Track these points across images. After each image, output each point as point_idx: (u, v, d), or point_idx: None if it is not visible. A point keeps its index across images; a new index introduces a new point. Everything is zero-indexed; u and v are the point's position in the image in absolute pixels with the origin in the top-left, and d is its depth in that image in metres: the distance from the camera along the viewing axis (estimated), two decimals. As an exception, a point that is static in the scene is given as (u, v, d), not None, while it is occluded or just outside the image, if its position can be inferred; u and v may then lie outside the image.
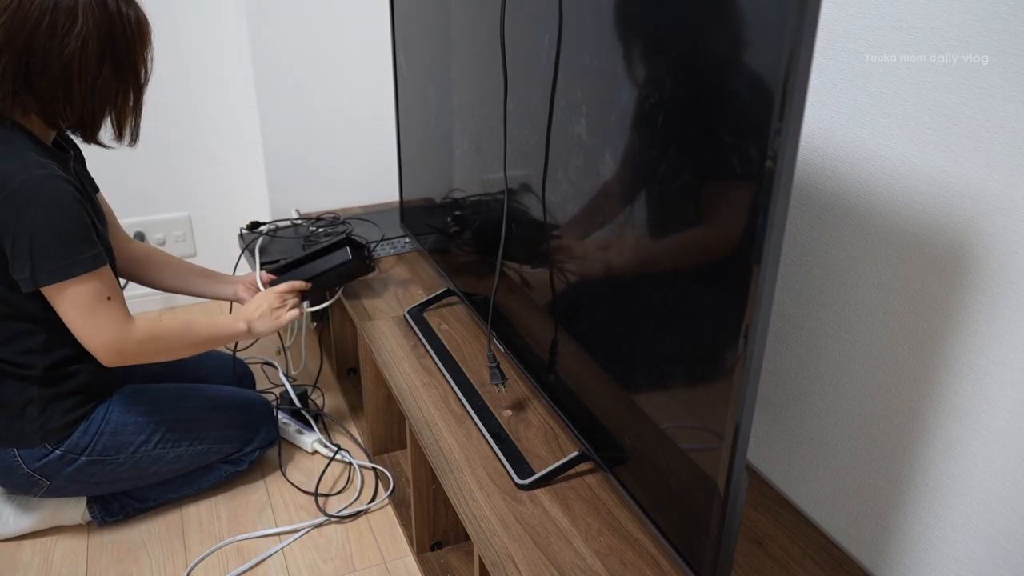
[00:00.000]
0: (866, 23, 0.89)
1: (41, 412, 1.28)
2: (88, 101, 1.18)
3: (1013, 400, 0.80)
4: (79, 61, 1.13)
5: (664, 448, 0.85)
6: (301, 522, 1.47)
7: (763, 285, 0.65)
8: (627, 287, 0.87)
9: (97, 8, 1.13)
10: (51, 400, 1.28)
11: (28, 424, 1.28)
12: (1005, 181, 0.77)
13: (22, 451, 1.29)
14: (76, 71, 1.14)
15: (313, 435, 1.65)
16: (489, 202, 1.24)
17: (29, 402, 1.27)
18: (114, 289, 1.22)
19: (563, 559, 0.95)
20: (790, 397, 1.11)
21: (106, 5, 1.13)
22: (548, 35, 0.94)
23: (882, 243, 0.92)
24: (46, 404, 1.28)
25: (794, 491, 1.13)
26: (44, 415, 1.28)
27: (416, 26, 1.43)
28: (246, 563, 1.38)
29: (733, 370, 0.71)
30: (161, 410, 1.41)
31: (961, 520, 0.87)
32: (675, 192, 0.75)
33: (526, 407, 1.23)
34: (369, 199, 2.13)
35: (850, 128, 0.94)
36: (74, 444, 1.31)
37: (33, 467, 1.30)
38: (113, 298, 1.22)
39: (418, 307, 1.52)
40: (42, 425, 1.28)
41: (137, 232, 2.15)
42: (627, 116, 0.81)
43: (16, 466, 1.29)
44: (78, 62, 1.13)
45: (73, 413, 1.31)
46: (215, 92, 2.10)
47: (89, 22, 1.12)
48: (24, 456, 1.29)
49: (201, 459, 1.46)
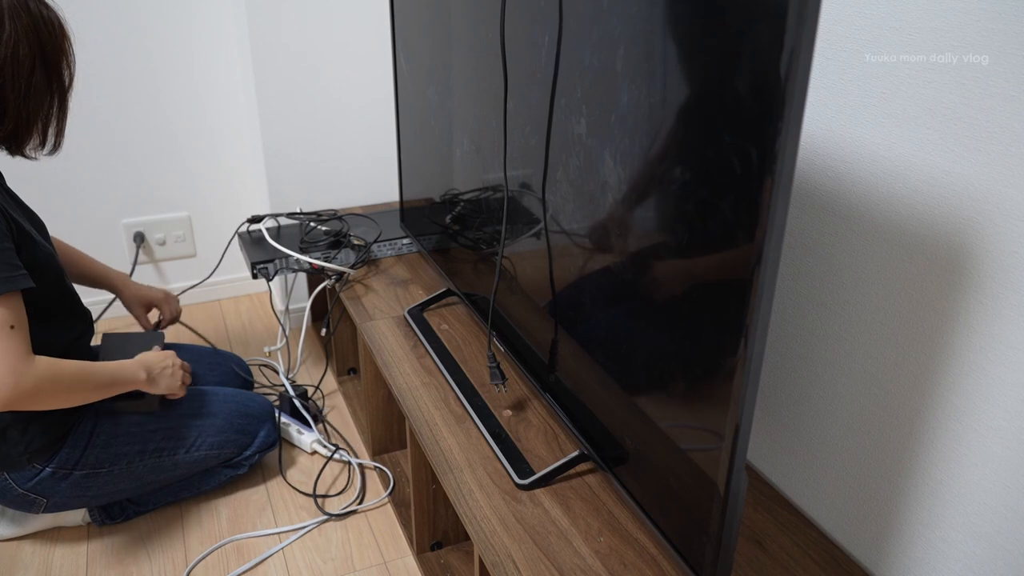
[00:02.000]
0: (866, 23, 0.89)
1: (22, 434, 1.25)
2: (23, 109, 1.13)
3: (1013, 400, 0.80)
4: (11, 69, 1.10)
5: (664, 448, 0.85)
6: (301, 522, 1.47)
7: (763, 285, 0.65)
8: (627, 287, 0.87)
9: (22, 12, 1.09)
10: (29, 421, 1.25)
11: (12, 447, 1.25)
12: (1005, 181, 0.77)
13: (12, 474, 1.27)
14: (10, 79, 1.10)
15: (312, 435, 1.65)
16: (489, 202, 1.24)
17: (8, 426, 1.24)
18: (20, 319, 1.13)
19: (563, 559, 0.95)
20: (790, 397, 1.11)
21: (29, 9, 1.10)
22: (548, 35, 0.94)
23: (882, 243, 0.92)
24: (25, 426, 1.25)
25: (794, 491, 1.13)
26: (26, 437, 1.25)
27: (416, 26, 1.43)
28: (246, 563, 1.38)
29: (733, 370, 0.71)
30: (155, 419, 1.39)
31: (961, 520, 0.87)
32: (675, 192, 0.75)
33: (526, 407, 1.23)
34: (369, 199, 2.13)
35: (850, 128, 0.94)
36: (64, 460, 1.29)
37: (26, 487, 1.28)
38: (16, 328, 1.12)
39: (418, 307, 1.52)
40: (26, 447, 1.26)
41: (137, 232, 2.15)
42: (627, 116, 0.81)
43: (9, 488, 1.28)
44: (10, 70, 1.10)
45: (56, 430, 1.28)
46: (215, 92, 2.10)
47: (17, 27, 1.09)
48: (15, 478, 1.27)
49: (200, 465, 1.45)
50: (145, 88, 2.02)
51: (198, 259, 2.26)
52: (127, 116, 2.03)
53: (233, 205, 2.24)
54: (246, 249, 1.72)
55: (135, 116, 2.04)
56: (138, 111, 2.04)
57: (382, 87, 2.02)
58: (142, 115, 2.05)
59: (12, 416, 1.24)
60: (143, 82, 2.01)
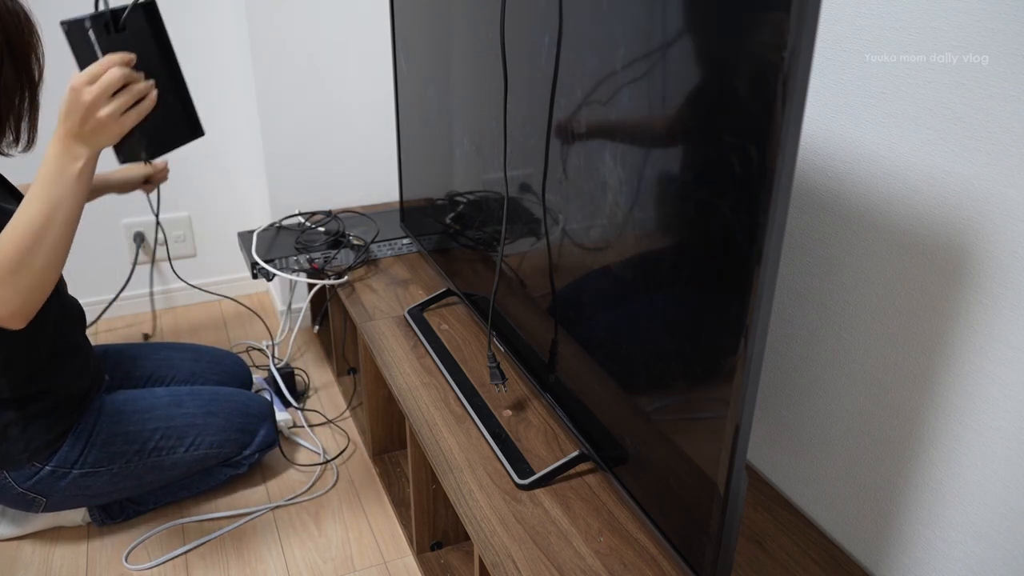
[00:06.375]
0: (866, 23, 0.89)
1: (23, 432, 1.26)
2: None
3: (1013, 400, 0.80)
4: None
5: (664, 448, 0.85)
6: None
7: (763, 285, 0.65)
8: (627, 287, 0.87)
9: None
10: (30, 419, 1.26)
11: (12, 445, 1.26)
12: (1005, 181, 0.77)
13: (12, 472, 1.27)
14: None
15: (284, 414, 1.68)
16: (489, 202, 1.24)
17: (8, 424, 1.25)
18: None
19: (563, 559, 0.95)
20: (790, 397, 1.11)
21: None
22: (548, 35, 0.94)
23: (882, 243, 0.92)
24: (26, 424, 1.26)
25: (794, 491, 1.13)
26: (26, 435, 1.26)
27: (416, 26, 1.43)
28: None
29: (733, 370, 0.71)
30: (154, 418, 1.39)
31: (961, 520, 0.87)
32: (675, 192, 0.75)
33: (526, 407, 1.23)
34: (369, 199, 2.13)
35: (850, 128, 0.94)
36: (63, 458, 1.29)
37: (25, 486, 1.28)
38: None
39: (418, 307, 1.52)
40: (26, 445, 1.26)
41: (137, 232, 2.14)
42: (627, 116, 0.81)
43: (9, 487, 1.28)
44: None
45: (56, 428, 1.29)
46: (215, 92, 2.10)
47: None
48: (15, 477, 1.28)
49: (199, 464, 1.45)
50: (145, 88, 2.02)
51: (198, 259, 2.26)
52: (127, 116, 2.03)
53: (233, 205, 2.24)
54: (246, 249, 1.72)
55: (135, 116, 2.04)
56: (138, 111, 2.04)
57: (382, 87, 2.02)
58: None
59: (13, 414, 1.25)
60: (143, 82, 2.01)
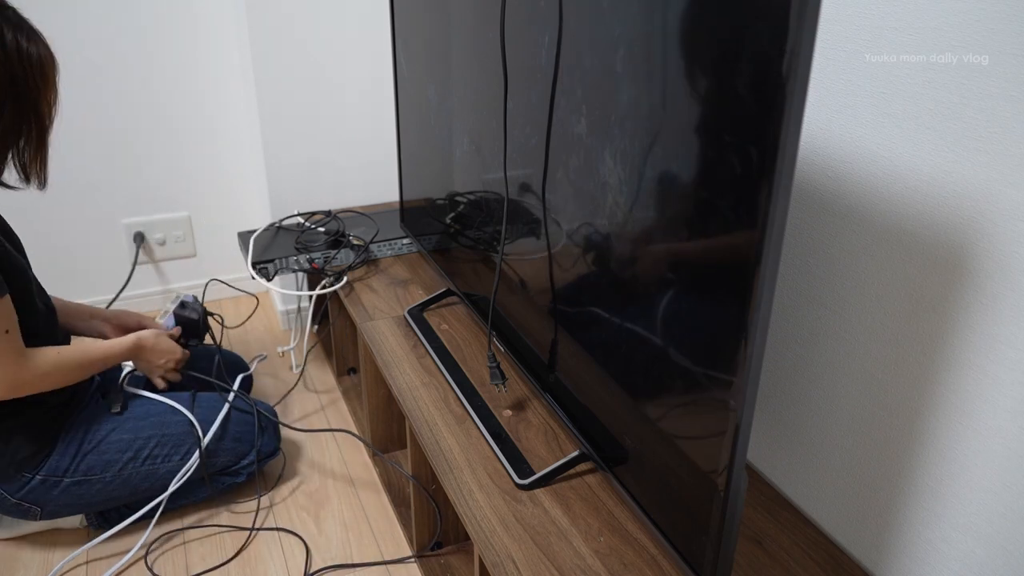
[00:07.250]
0: (866, 23, 0.89)
1: (6, 444, 1.25)
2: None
3: (1013, 400, 0.80)
4: None
5: (664, 448, 0.85)
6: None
7: (763, 285, 0.65)
8: (627, 287, 0.87)
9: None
10: (12, 432, 1.25)
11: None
12: (1005, 181, 0.77)
13: (2, 484, 1.27)
14: None
15: None
16: (489, 202, 1.24)
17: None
18: (11, 322, 1.17)
19: (563, 559, 0.95)
20: (790, 397, 1.11)
21: (4, 43, 1.07)
22: (548, 35, 0.94)
23: (882, 243, 0.92)
24: (9, 436, 1.25)
25: (794, 491, 1.13)
26: (10, 448, 1.26)
27: (416, 26, 1.43)
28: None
29: (733, 370, 0.71)
30: (149, 425, 1.37)
31: (961, 520, 0.87)
32: (675, 192, 0.75)
33: (526, 407, 1.23)
34: (369, 199, 2.13)
35: (850, 128, 0.94)
36: (54, 467, 1.29)
37: (18, 497, 1.28)
38: (11, 331, 1.16)
39: (418, 307, 1.52)
40: (12, 457, 1.26)
41: (137, 232, 2.15)
42: (627, 116, 0.81)
43: (2, 498, 1.28)
44: None
45: (41, 438, 1.28)
46: (215, 92, 2.10)
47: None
48: (6, 488, 1.27)
49: (195, 473, 1.42)
50: (145, 89, 2.02)
51: (198, 259, 2.26)
52: (128, 116, 2.03)
53: (233, 205, 2.24)
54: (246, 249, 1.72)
55: (136, 116, 2.04)
56: (138, 111, 2.04)
57: (382, 87, 2.02)
58: (142, 115, 2.05)
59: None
60: (143, 83, 2.01)
